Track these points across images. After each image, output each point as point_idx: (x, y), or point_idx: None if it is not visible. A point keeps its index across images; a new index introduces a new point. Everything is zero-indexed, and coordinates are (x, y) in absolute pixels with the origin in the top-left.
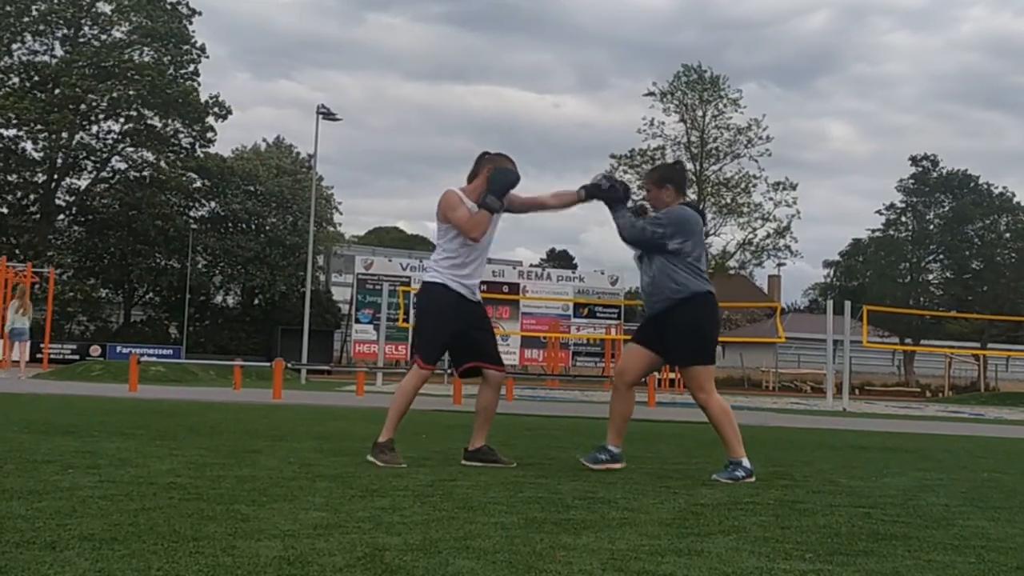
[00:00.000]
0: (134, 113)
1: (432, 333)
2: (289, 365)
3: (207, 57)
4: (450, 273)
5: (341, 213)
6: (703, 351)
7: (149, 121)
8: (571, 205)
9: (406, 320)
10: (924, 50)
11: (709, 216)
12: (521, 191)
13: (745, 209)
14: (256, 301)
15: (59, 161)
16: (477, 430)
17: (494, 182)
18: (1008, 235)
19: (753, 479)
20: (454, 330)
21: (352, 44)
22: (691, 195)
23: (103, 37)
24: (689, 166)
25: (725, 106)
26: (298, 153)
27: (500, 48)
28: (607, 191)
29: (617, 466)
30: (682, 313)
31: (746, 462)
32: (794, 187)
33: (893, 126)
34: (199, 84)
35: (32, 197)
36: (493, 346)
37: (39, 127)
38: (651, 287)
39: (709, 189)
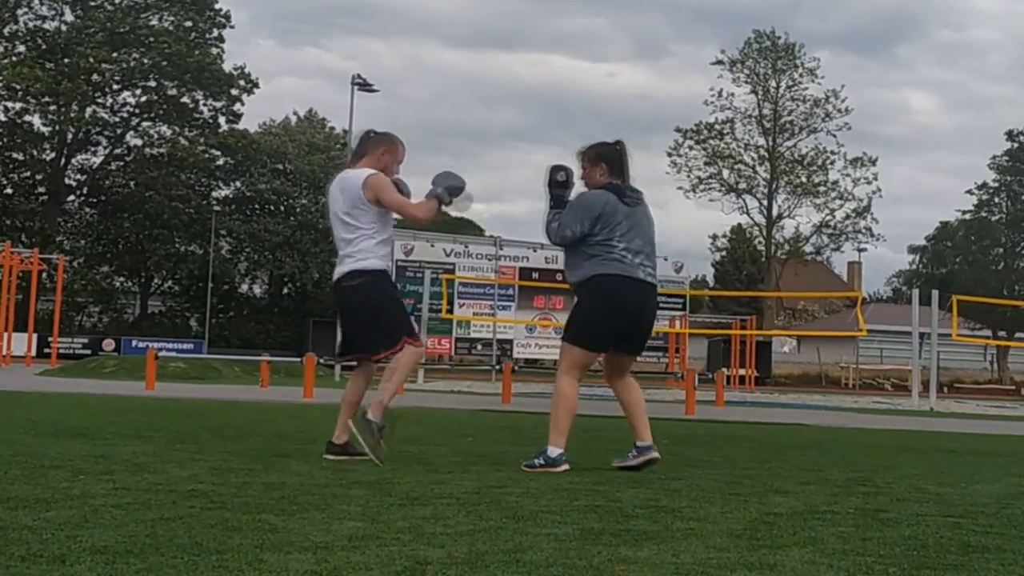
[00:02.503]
0: (151, 84)
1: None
2: (321, 361)
3: (232, 27)
4: (386, 259)
5: None
6: (570, 330)
7: (168, 93)
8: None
9: (450, 311)
10: (1015, 14)
11: (782, 197)
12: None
13: (821, 188)
14: (285, 290)
15: (69, 136)
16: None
17: (444, 180)
18: None
19: (556, 469)
20: None
21: (386, 8)
22: (763, 173)
23: (117, 1)
24: (761, 141)
25: (801, 76)
26: (331, 128)
27: (549, 12)
28: (561, 185)
29: (647, 458)
30: (577, 294)
31: (552, 450)
32: (874, 162)
33: (982, 97)
34: (223, 51)
35: (39, 176)
36: None
37: (47, 99)
38: (566, 269)
39: (783, 167)
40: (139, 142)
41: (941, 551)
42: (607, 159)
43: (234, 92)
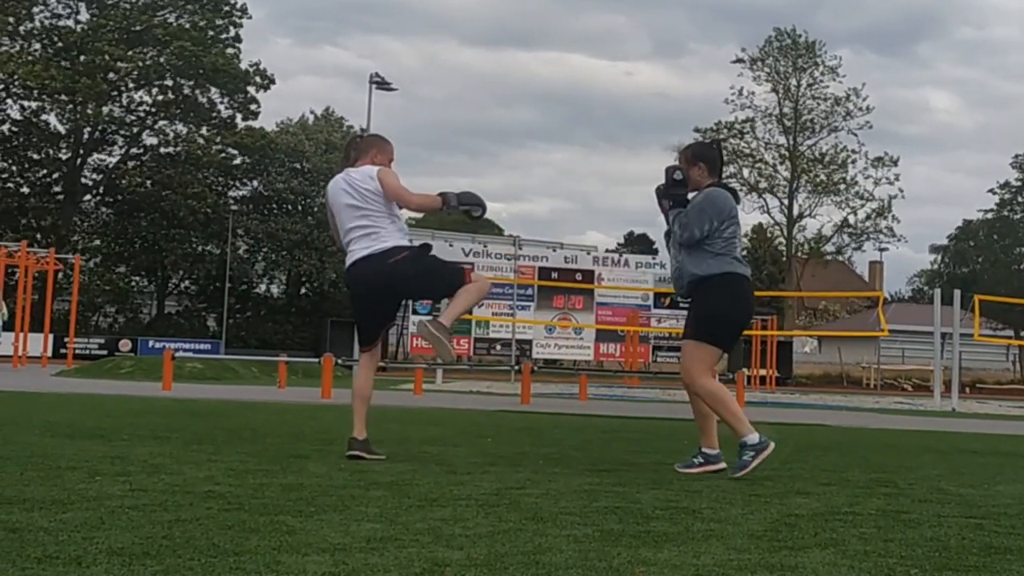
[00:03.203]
0: (168, 82)
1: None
2: (340, 361)
3: (249, 18)
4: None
5: None
6: (703, 329)
7: (184, 91)
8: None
9: (468, 311)
10: None
11: (802, 196)
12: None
13: (842, 187)
14: (303, 290)
15: (85, 135)
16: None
17: (466, 197)
18: None
19: (768, 450)
20: None
21: (404, 6)
22: (783, 172)
23: None
24: (781, 140)
25: (822, 74)
26: (349, 127)
27: (567, 10)
28: (680, 184)
29: (714, 468)
30: (702, 291)
31: (751, 438)
32: (895, 162)
33: (1003, 95)
34: (240, 51)
35: (56, 175)
36: None
37: (63, 98)
38: (677, 269)
39: (804, 165)
40: (155, 141)
41: (963, 552)
42: (705, 158)
43: (250, 89)
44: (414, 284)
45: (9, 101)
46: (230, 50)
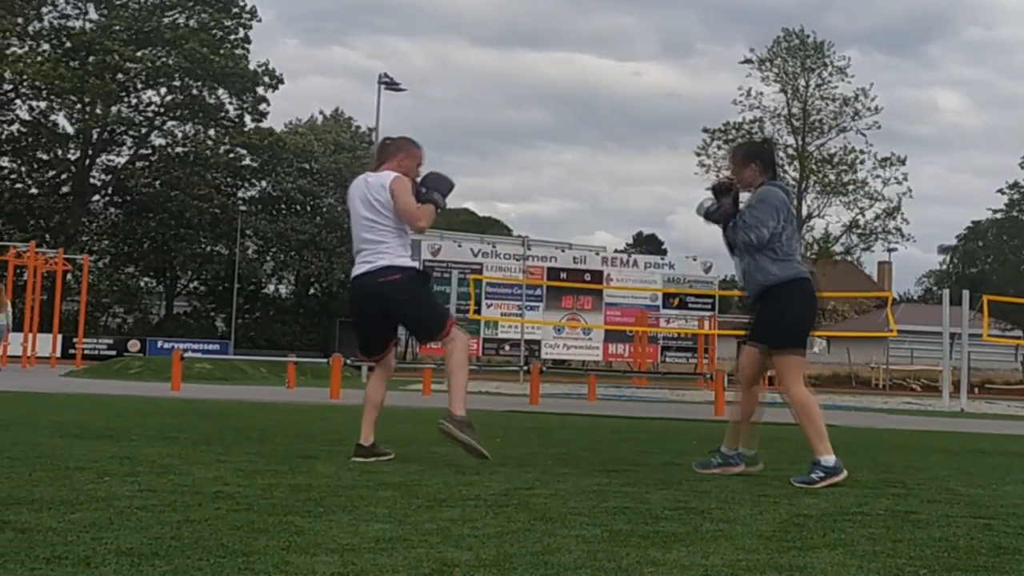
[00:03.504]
0: (176, 83)
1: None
2: (348, 361)
3: (259, 21)
4: (412, 259)
5: None
6: (785, 337)
7: (193, 92)
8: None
9: (477, 311)
10: None
11: (811, 196)
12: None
13: (851, 187)
14: (311, 291)
15: (94, 136)
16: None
17: (439, 185)
18: None
19: (839, 478)
20: None
21: (412, 6)
22: (792, 172)
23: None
24: (790, 140)
25: (830, 74)
26: (357, 127)
27: (576, 10)
28: (728, 190)
29: (734, 470)
30: (771, 300)
31: (826, 459)
32: (903, 162)
33: (1011, 96)
34: (248, 51)
35: (64, 176)
36: None
37: (72, 98)
38: (744, 278)
39: (812, 166)
40: (164, 141)
41: (972, 553)
42: (759, 157)
43: (259, 90)
44: (400, 310)
45: (18, 101)
46: (239, 51)
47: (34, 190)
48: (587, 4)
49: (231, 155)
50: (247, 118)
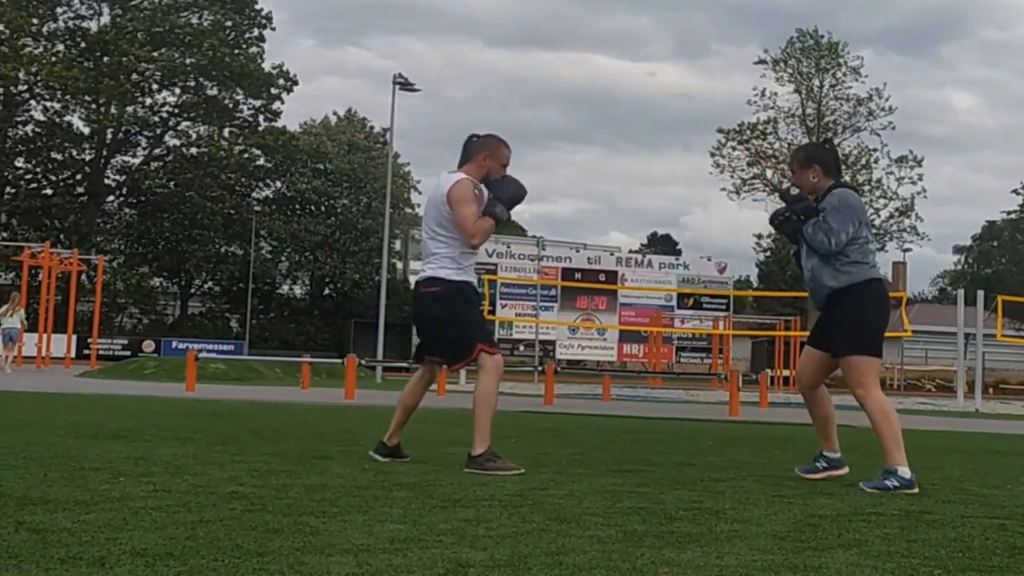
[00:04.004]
0: (191, 84)
1: (481, 319)
2: (363, 362)
3: (273, 29)
4: (467, 271)
5: (420, 193)
6: (863, 341)
7: (207, 92)
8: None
9: (492, 312)
10: None
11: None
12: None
13: (866, 187)
14: (326, 291)
15: (108, 136)
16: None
17: (506, 192)
18: None
19: (913, 491)
20: None
21: (427, 7)
22: None
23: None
24: (804, 140)
25: (844, 75)
26: (371, 127)
27: (591, 11)
28: (799, 198)
29: (837, 473)
30: (843, 302)
31: (903, 471)
32: (919, 162)
33: None
34: (263, 50)
35: (79, 176)
36: None
37: (87, 98)
38: (811, 280)
39: None
40: (178, 142)
41: (987, 553)
42: (820, 160)
43: (273, 91)
44: (432, 327)
45: (32, 102)
46: (253, 49)
47: (48, 190)
48: (601, 4)
49: (245, 156)
50: (261, 119)
